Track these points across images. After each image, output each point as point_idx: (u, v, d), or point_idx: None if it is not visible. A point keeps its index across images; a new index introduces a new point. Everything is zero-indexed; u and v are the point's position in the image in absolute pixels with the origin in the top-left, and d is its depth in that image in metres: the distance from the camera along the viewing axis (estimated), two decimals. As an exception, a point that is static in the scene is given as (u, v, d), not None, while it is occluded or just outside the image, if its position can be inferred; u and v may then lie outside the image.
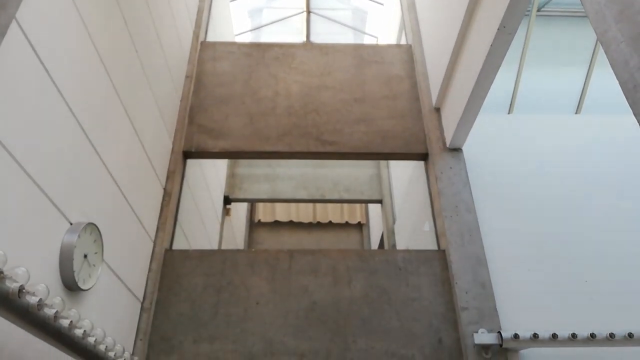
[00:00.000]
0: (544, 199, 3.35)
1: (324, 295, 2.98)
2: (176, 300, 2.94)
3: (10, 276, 1.22)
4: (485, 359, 2.71)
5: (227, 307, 2.91)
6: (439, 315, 2.92)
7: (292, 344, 2.80)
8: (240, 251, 3.14)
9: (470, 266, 3.01)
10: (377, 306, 2.95)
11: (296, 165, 5.76)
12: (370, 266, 3.09)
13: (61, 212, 1.93)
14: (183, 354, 2.75)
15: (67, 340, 1.62)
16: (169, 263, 3.06)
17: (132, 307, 2.66)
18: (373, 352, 2.79)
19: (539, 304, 2.92)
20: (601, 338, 2.56)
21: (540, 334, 2.59)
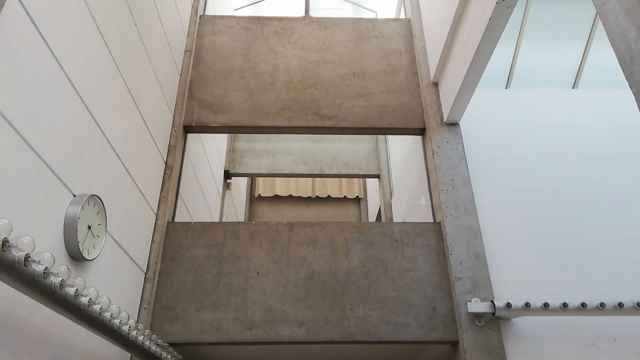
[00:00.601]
0: (539, 172, 3.41)
1: (322, 266, 3.06)
2: (179, 271, 3.02)
3: (15, 245, 1.27)
4: (478, 327, 2.81)
5: (229, 277, 3.00)
6: (433, 285, 3.00)
7: (291, 312, 2.90)
8: (241, 223, 3.21)
9: (465, 238, 3.08)
10: (373, 276, 3.03)
11: (295, 140, 5.79)
12: (367, 238, 3.17)
13: (64, 184, 1.98)
14: (186, 322, 2.85)
15: (73, 308, 1.68)
16: (171, 235, 3.13)
17: (135, 277, 2.74)
18: (370, 319, 2.89)
19: (531, 275, 3.00)
20: (592, 307, 2.65)
21: (532, 303, 2.67)
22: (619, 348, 2.77)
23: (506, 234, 3.14)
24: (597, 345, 2.78)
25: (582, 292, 2.95)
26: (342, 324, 2.88)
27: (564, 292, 2.95)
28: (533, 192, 3.32)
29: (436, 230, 3.19)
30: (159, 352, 2.45)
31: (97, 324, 1.84)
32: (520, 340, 2.80)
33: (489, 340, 2.77)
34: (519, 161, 3.45)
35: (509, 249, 3.09)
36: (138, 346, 2.22)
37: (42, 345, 1.76)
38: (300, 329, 2.85)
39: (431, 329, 2.87)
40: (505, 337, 2.80)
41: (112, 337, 1.98)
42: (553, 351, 2.76)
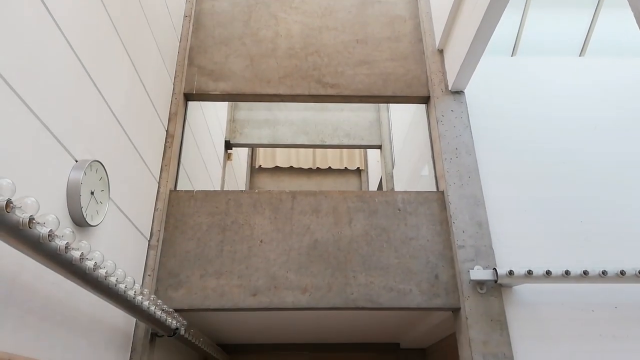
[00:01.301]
0: (544, 141, 3.37)
1: (325, 234, 3.06)
2: (182, 239, 3.02)
3: (19, 206, 1.25)
4: (480, 294, 2.83)
5: (232, 245, 3.01)
6: (436, 253, 3.01)
7: (294, 279, 2.92)
8: (244, 192, 3.19)
9: (468, 207, 3.07)
10: (376, 244, 3.04)
11: (296, 109, 5.72)
12: (370, 207, 3.16)
13: (66, 149, 1.95)
14: (190, 288, 2.87)
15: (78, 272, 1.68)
16: (174, 203, 3.12)
17: (139, 244, 2.74)
18: (372, 286, 2.91)
19: (533, 243, 3.01)
20: (594, 275, 2.66)
21: (535, 271, 2.69)
22: (619, 315, 2.80)
23: (509, 203, 3.13)
24: (597, 312, 2.81)
25: (584, 260, 2.96)
26: (345, 290, 2.90)
27: (566, 260, 2.97)
28: (537, 160, 3.30)
29: (439, 199, 3.18)
30: (164, 318, 2.48)
31: (102, 289, 1.84)
32: (521, 307, 2.83)
33: (490, 306, 2.80)
34: (523, 130, 3.41)
35: (512, 217, 3.09)
36: (143, 311, 2.24)
37: (47, 309, 1.77)
38: (303, 295, 2.88)
39: (433, 295, 2.90)
40: (507, 304, 2.83)
41: (118, 301, 1.99)
42: (553, 317, 2.80)
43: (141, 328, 2.62)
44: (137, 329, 2.61)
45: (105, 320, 2.24)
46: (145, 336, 2.63)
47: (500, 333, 2.73)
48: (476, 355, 2.68)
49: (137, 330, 2.61)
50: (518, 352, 2.71)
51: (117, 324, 2.38)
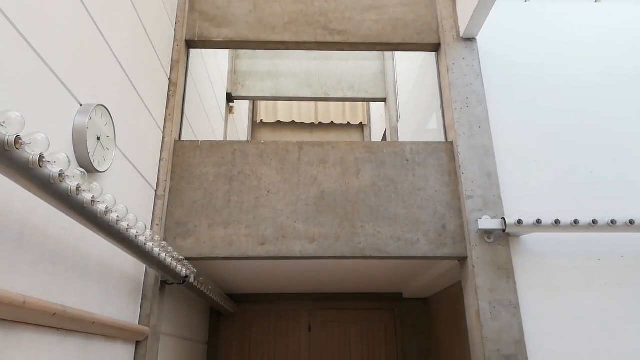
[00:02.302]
0: (557, 90, 3.29)
1: (332, 185, 3.04)
2: (189, 189, 3.00)
3: (29, 142, 1.20)
4: (487, 243, 2.84)
5: (239, 195, 2.99)
6: (444, 204, 3.00)
7: (302, 229, 2.92)
8: (250, 143, 3.14)
9: (478, 157, 3.04)
10: (384, 195, 3.02)
11: (298, 58, 5.57)
12: (378, 158, 3.12)
13: (70, 92, 1.88)
14: (199, 238, 2.87)
15: (89, 216, 1.66)
16: (179, 153, 3.08)
17: (146, 193, 2.72)
18: (380, 236, 2.91)
19: (542, 193, 3.00)
20: (602, 224, 2.66)
21: (543, 220, 2.69)
22: (625, 263, 2.82)
23: (519, 153, 3.09)
24: (603, 261, 2.83)
25: (593, 210, 2.96)
26: (353, 240, 2.91)
27: (575, 210, 2.96)
28: (549, 110, 3.23)
29: (448, 150, 3.14)
30: (174, 265, 2.49)
31: (113, 233, 1.82)
32: (528, 256, 2.85)
33: (497, 255, 2.82)
34: (536, 78, 3.33)
35: (521, 167, 3.05)
36: (154, 258, 2.24)
37: (59, 254, 1.76)
38: (311, 244, 2.89)
39: (440, 245, 2.91)
40: (514, 253, 2.85)
41: (128, 247, 1.98)
42: (559, 266, 2.82)
43: (151, 275, 2.64)
44: (147, 276, 2.63)
45: (115, 267, 2.25)
46: (155, 283, 2.65)
47: (506, 281, 2.76)
48: (482, 302, 2.72)
49: (147, 277, 2.63)
50: (523, 299, 2.75)
51: (127, 271, 2.39)
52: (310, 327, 4.83)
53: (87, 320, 1.81)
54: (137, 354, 2.46)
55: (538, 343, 2.66)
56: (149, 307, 2.57)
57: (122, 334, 2.21)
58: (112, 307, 2.20)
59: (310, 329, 4.83)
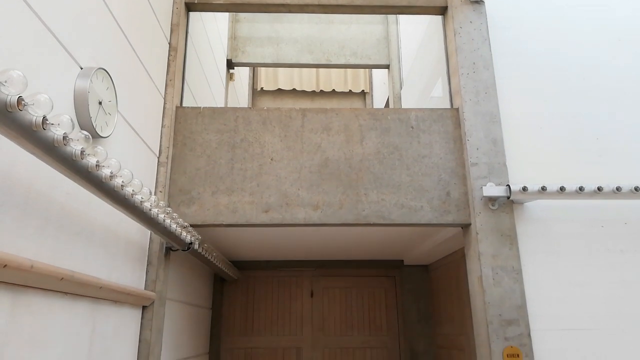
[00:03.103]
0: (564, 55, 3.22)
1: (336, 152, 3.01)
2: (191, 156, 2.97)
3: (32, 103, 1.17)
4: (492, 210, 2.84)
5: (243, 163, 2.97)
6: (448, 171, 2.99)
7: (306, 196, 2.91)
8: (252, 109, 3.09)
9: (484, 123, 3.00)
10: (388, 162, 3.00)
11: (300, 24, 5.45)
12: (382, 124, 3.08)
13: (70, 55, 1.83)
14: (203, 205, 2.87)
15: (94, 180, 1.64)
16: (181, 120, 3.04)
17: (149, 160, 2.70)
18: (384, 203, 2.91)
19: (548, 161, 2.98)
20: (607, 191, 2.65)
21: (548, 187, 2.68)
22: (628, 230, 2.83)
23: (525, 120, 3.05)
24: (606, 228, 2.84)
25: (598, 177, 2.95)
26: (357, 207, 2.90)
27: (580, 177, 2.95)
28: (556, 76, 3.17)
29: (454, 116, 3.10)
30: (179, 231, 2.49)
31: (118, 199, 1.81)
32: (532, 223, 2.85)
33: (501, 222, 2.82)
34: (543, 43, 3.25)
35: (527, 134, 3.02)
36: (159, 224, 2.24)
37: (65, 219, 1.75)
38: (315, 212, 2.88)
39: (444, 212, 2.91)
40: (517, 220, 2.85)
41: (134, 213, 1.98)
42: (563, 232, 2.83)
43: (156, 242, 2.65)
44: (151, 242, 2.64)
45: (121, 233, 2.25)
46: (160, 250, 2.67)
47: (509, 247, 2.78)
48: (485, 268, 2.74)
49: (152, 244, 2.64)
50: (526, 266, 2.77)
51: (132, 237, 2.39)
52: (313, 293, 4.91)
53: (95, 285, 1.82)
54: (144, 318, 2.49)
55: (539, 308, 2.70)
56: (154, 273, 2.59)
57: (129, 298, 2.23)
58: (119, 273, 2.21)
59: (313, 295, 4.90)
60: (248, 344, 4.71)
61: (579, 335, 2.65)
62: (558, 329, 2.67)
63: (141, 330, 2.47)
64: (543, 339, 2.65)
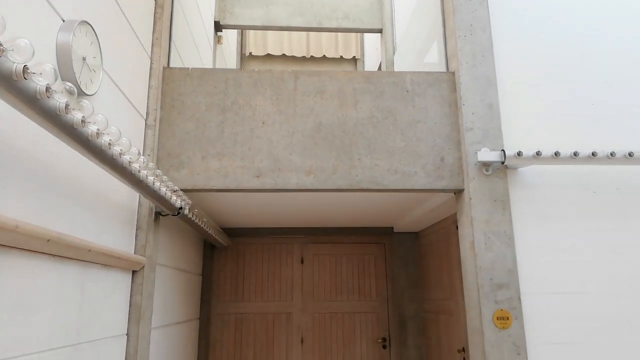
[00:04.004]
0: (564, 20, 3.15)
1: (329, 116, 2.95)
2: (180, 119, 2.88)
3: (11, 48, 1.08)
4: (485, 176, 2.83)
5: (233, 127, 2.89)
6: (443, 136, 2.95)
7: (298, 161, 2.86)
8: (243, 71, 2.99)
9: (480, 87, 2.95)
10: (382, 127, 2.95)
11: (292, -13, 5.26)
12: (377, 88, 3.01)
13: (51, 5, 1.72)
14: (192, 169, 2.80)
15: (81, 137, 1.56)
16: (169, 81, 2.93)
17: (136, 122, 2.61)
18: (377, 169, 2.87)
19: (543, 126, 2.95)
20: (602, 156, 2.65)
21: (543, 152, 2.66)
22: (620, 196, 2.85)
23: (521, 84, 3.01)
24: (598, 193, 2.85)
25: (593, 143, 2.94)
26: (350, 173, 2.86)
27: (575, 142, 2.93)
28: (554, 40, 3.11)
29: (449, 80, 3.03)
30: (169, 195, 2.43)
31: (106, 159, 1.74)
32: (525, 188, 2.85)
33: (494, 188, 2.81)
34: (542, 7, 3.17)
35: (523, 99, 2.98)
36: (148, 187, 2.18)
37: (50, 179, 1.68)
38: (307, 177, 2.84)
39: (438, 177, 2.88)
40: (511, 186, 2.85)
41: (122, 174, 1.91)
42: (555, 198, 2.83)
43: (145, 206, 2.59)
44: (140, 206, 2.58)
45: (109, 195, 2.18)
46: (149, 214, 2.61)
47: (502, 212, 2.78)
48: (477, 233, 2.75)
49: (141, 208, 2.58)
50: (518, 231, 2.78)
51: (121, 200, 2.33)
52: (303, 260, 4.92)
53: (83, 248, 1.77)
54: (134, 282, 2.46)
55: (530, 272, 2.72)
56: (144, 237, 2.55)
57: (118, 262, 2.19)
58: (107, 236, 2.16)
59: (303, 262, 4.92)
60: (238, 310, 4.74)
61: (567, 299, 2.69)
62: (547, 293, 2.70)
63: (132, 295, 2.44)
64: (533, 302, 2.69)
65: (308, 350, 4.70)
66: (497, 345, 2.61)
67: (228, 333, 4.68)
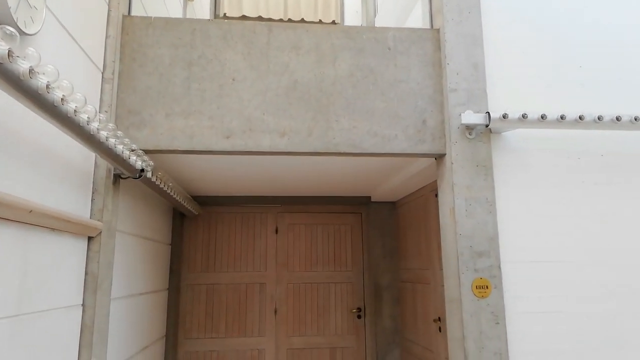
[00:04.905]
0: (554, -23, 2.99)
1: (306, 74, 2.74)
2: (142, 73, 2.63)
3: None
4: (468, 140, 2.69)
5: (201, 83, 2.66)
6: (425, 97, 2.79)
7: (272, 121, 2.66)
8: (212, 21, 2.74)
9: (465, 46, 2.78)
10: (362, 87, 2.76)
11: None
12: (357, 44, 2.81)
13: None
14: (155, 129, 2.58)
15: (28, 91, 1.35)
16: (129, 31, 2.66)
17: (91, 74, 2.35)
18: (356, 131, 2.70)
19: (529, 89, 2.82)
20: (589, 120, 2.54)
21: (529, 115, 2.53)
22: (604, 162, 2.76)
23: (508, 44, 2.85)
24: (583, 160, 2.75)
25: (579, 106, 2.83)
26: (327, 135, 2.69)
27: (560, 107, 2.82)
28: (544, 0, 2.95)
29: (434, 38, 2.85)
30: (128, 155, 2.22)
31: (59, 116, 1.53)
32: (508, 153, 2.73)
33: (477, 152, 2.68)
34: (533, -38, 2.99)
35: (510, 59, 2.83)
36: (105, 146, 1.96)
37: (-18, 129, 1.45)
38: (281, 139, 2.65)
39: (419, 141, 2.74)
40: (494, 150, 2.73)
41: (74, 131, 1.70)
42: (538, 164, 2.73)
43: (102, 167, 2.36)
44: (97, 167, 2.35)
45: (56, 152, 1.95)
46: (107, 176, 2.39)
47: (484, 178, 2.66)
48: (458, 199, 2.63)
49: (98, 169, 2.35)
50: (500, 197, 2.67)
51: (72, 159, 2.10)
52: (277, 230, 4.77)
53: (22, 208, 1.55)
54: (90, 250, 2.26)
55: (511, 240, 2.63)
56: (101, 201, 2.33)
57: (69, 227, 1.98)
58: (55, 198, 1.94)
59: (277, 231, 4.77)
60: (210, 280, 4.58)
61: (548, 267, 2.62)
62: (528, 261, 2.62)
63: (87, 262, 2.24)
64: (513, 270, 2.61)
65: (282, 320, 4.61)
66: (475, 314, 2.53)
67: (199, 304, 4.54)
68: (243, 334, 4.53)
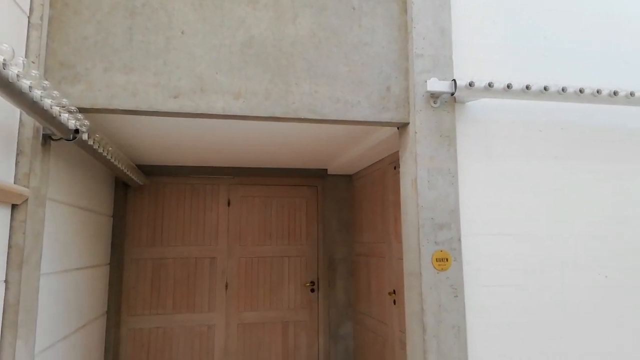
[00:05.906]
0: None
1: (264, 31, 2.52)
2: (76, 20, 2.31)
3: None
4: (432, 109, 2.59)
5: (145, 34, 2.37)
6: (390, 63, 2.65)
7: (225, 81, 2.43)
8: (157, -34, 2.44)
9: (433, 9, 2.65)
10: (324, 48, 2.58)
11: None
12: (320, 2, 2.61)
13: None
14: (92, 84, 2.28)
15: None
16: (59, -31, 2.32)
17: (13, 17, 2.02)
18: (317, 96, 2.53)
19: (494, 58, 2.74)
20: (553, 92, 2.50)
21: (495, 84, 2.45)
22: (564, 135, 2.75)
23: (478, 9, 2.75)
24: (544, 132, 2.73)
25: (544, 78, 2.79)
26: (286, 99, 2.50)
27: (525, 78, 2.77)
28: (512, -35, 2.86)
29: (400, 0, 2.70)
30: (57, 111, 1.93)
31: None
32: (472, 123, 2.66)
33: (441, 122, 2.59)
34: None
35: (477, 26, 2.74)
36: (32, 101, 1.68)
37: None
38: (236, 101, 2.43)
39: (382, 109, 2.61)
40: (458, 120, 2.64)
41: (-18, 73, 1.41)
42: (501, 134, 2.68)
43: (28, 126, 2.06)
44: (22, 126, 2.05)
45: (-30, 105, 1.66)
46: (35, 137, 2.09)
47: (447, 149, 2.58)
48: (421, 170, 2.54)
49: (23, 128, 2.05)
50: (463, 168, 2.61)
51: (-10, 115, 1.80)
52: (230, 202, 4.56)
53: None
54: (14, 219, 1.98)
55: (472, 213, 2.59)
56: (27, 164, 2.04)
57: (-13, 192, 1.70)
58: (-31, 158, 1.65)
59: (230, 204, 4.56)
60: (156, 255, 4.33)
61: (508, 240, 2.60)
62: (488, 234, 2.59)
63: (11, 234, 1.96)
64: (473, 243, 2.57)
65: (233, 295, 4.45)
66: (434, 287, 2.48)
67: (144, 279, 4.28)
68: (192, 309, 4.34)
